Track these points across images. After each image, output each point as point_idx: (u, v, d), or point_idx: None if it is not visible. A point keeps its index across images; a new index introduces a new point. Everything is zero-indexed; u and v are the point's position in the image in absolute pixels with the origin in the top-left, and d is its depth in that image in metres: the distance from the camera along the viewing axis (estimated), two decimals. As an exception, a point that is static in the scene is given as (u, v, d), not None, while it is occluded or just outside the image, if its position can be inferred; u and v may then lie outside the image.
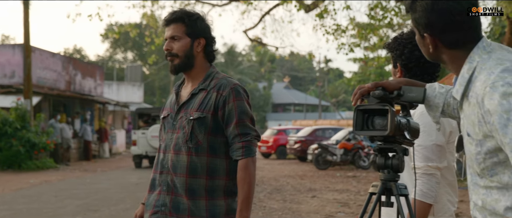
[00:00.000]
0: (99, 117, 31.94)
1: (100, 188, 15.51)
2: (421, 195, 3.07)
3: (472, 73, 2.16)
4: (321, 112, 65.70)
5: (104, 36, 62.76)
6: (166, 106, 3.49)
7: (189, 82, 3.41)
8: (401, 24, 23.10)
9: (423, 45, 2.31)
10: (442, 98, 2.56)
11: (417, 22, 2.28)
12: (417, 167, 3.10)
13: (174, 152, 3.30)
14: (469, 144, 2.18)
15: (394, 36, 3.41)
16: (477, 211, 2.26)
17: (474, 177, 2.24)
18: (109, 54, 68.71)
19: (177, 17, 3.33)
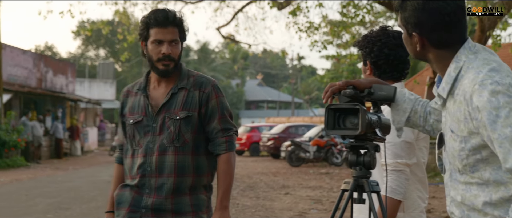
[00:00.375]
0: (70, 114, 31.68)
1: (71, 186, 15.40)
2: (390, 192, 3.09)
3: (459, 72, 2.24)
4: (294, 109, 65.86)
5: (76, 33, 62.35)
6: (133, 110, 3.34)
7: (161, 82, 3.34)
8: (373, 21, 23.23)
9: (410, 43, 2.36)
10: (411, 104, 2.61)
11: (406, 20, 2.33)
12: (387, 163, 3.12)
13: (159, 153, 3.27)
14: (453, 140, 2.24)
15: (364, 34, 3.44)
16: (455, 207, 2.33)
17: (454, 173, 2.30)
18: (81, 51, 68.26)
19: (175, 21, 3.26)
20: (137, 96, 3.35)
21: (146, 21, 3.25)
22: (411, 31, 2.33)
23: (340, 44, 22.71)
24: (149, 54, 3.26)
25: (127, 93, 3.40)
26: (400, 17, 2.37)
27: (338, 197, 2.75)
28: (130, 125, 3.32)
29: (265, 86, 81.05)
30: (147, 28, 3.24)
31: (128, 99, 3.38)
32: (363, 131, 2.52)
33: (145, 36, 3.26)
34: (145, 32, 3.25)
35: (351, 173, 2.71)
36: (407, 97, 2.64)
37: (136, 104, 3.34)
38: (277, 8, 19.73)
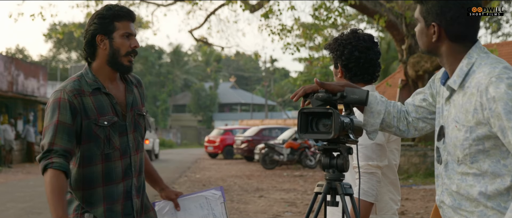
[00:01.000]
0: (42, 118, 31.39)
1: (43, 191, 15.11)
2: (362, 194, 3.11)
3: (471, 67, 2.37)
4: (268, 112, 65.91)
5: (47, 36, 61.72)
6: (102, 111, 3.08)
7: (114, 80, 3.19)
8: (345, 24, 23.37)
9: (426, 35, 2.46)
10: (384, 106, 2.70)
11: (428, 11, 2.44)
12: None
13: (136, 152, 3.22)
14: (457, 130, 2.36)
15: (335, 37, 3.46)
16: (447, 195, 2.45)
17: (452, 163, 2.42)
18: (52, 54, 67.66)
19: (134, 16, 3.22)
20: (95, 96, 3.09)
21: (113, 13, 3.10)
22: (430, 22, 2.43)
23: (312, 47, 22.80)
24: (115, 47, 3.09)
25: (79, 93, 3.05)
26: (419, 8, 2.49)
27: (311, 199, 2.76)
28: (104, 127, 3.07)
29: (238, 89, 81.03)
30: (112, 21, 3.09)
31: (85, 99, 3.05)
32: (336, 135, 2.54)
33: (109, 29, 3.09)
34: (109, 25, 3.09)
35: (324, 176, 2.73)
36: (379, 99, 2.71)
37: (103, 104, 3.09)
38: (249, 11, 19.78)
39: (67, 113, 2.99)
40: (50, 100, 3.07)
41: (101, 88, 3.11)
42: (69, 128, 2.99)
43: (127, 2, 22.06)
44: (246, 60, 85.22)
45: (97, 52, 3.13)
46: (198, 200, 3.46)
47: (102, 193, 3.10)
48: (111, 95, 3.12)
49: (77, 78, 3.12)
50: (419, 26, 2.50)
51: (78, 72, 3.20)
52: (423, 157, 17.60)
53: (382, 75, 36.32)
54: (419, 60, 17.82)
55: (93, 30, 3.10)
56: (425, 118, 2.68)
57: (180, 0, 22.77)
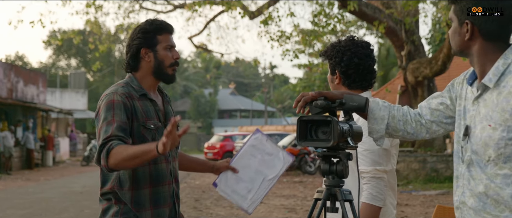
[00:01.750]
0: (42, 125, 31.39)
1: (43, 198, 15.25)
2: (371, 199, 3.12)
3: (507, 67, 2.38)
4: (267, 118, 65.90)
5: (46, 43, 61.76)
6: (148, 116, 3.23)
7: (154, 90, 3.39)
8: (344, 30, 23.38)
9: (459, 34, 2.47)
10: (387, 111, 2.70)
11: (461, 9, 2.44)
12: (366, 171, 3.17)
13: (175, 159, 3.40)
14: (491, 129, 2.35)
15: (331, 43, 3.47)
16: (470, 197, 2.42)
17: (479, 163, 2.40)
18: (52, 61, 67.68)
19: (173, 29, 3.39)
20: (142, 101, 3.26)
21: (155, 28, 3.29)
22: (463, 20, 2.44)
23: (312, 53, 22.81)
24: (160, 59, 3.28)
25: (130, 96, 3.21)
26: (453, 8, 2.49)
27: (311, 206, 2.77)
28: (151, 129, 3.23)
29: (238, 95, 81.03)
30: (155, 35, 3.28)
31: (135, 103, 3.21)
32: (335, 143, 2.55)
33: (152, 43, 3.27)
34: (153, 39, 3.27)
35: (324, 182, 2.74)
36: (382, 104, 2.71)
37: (149, 109, 3.27)
38: (249, 18, 19.80)
39: (122, 114, 3.13)
40: (102, 102, 3.19)
41: (147, 94, 3.29)
42: (125, 126, 3.11)
43: (127, 10, 22.07)
44: (245, 67, 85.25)
45: (140, 64, 3.31)
46: (248, 152, 3.55)
47: (149, 194, 3.22)
48: (155, 102, 3.32)
49: (124, 84, 3.28)
50: (453, 26, 2.50)
51: (123, 80, 3.34)
52: (423, 163, 17.60)
53: (381, 81, 36.35)
54: (418, 66, 17.84)
55: (138, 44, 3.28)
56: (440, 122, 2.69)
57: (180, 7, 22.81)
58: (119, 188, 3.19)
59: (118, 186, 3.19)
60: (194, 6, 19.47)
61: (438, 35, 18.97)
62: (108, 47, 22.18)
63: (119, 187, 3.19)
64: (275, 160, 3.51)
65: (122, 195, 3.18)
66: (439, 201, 13.34)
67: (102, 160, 3.02)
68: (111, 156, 2.98)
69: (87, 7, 20.60)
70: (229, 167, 3.56)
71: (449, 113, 2.66)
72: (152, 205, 3.22)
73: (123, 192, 3.18)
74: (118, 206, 3.19)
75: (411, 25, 17.63)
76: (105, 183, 3.24)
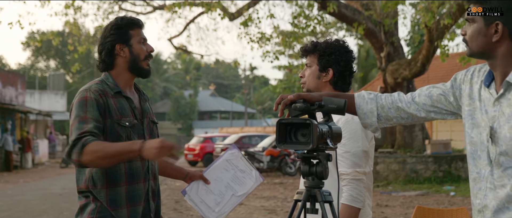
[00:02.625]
0: (20, 126, 31.14)
1: (22, 200, 15.14)
2: (351, 200, 3.14)
3: None
4: (247, 120, 65.90)
5: (25, 44, 61.32)
6: (123, 113, 3.22)
7: (130, 87, 3.38)
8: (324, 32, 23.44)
9: (484, 35, 2.42)
10: (374, 103, 2.70)
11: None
12: (346, 173, 3.18)
13: None
14: None
15: (325, 40, 3.47)
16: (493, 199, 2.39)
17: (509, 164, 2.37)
18: (31, 62, 67.16)
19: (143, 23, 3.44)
20: (117, 98, 3.24)
21: (125, 23, 3.31)
22: (493, 20, 2.39)
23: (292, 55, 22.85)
24: (135, 53, 3.30)
25: (104, 94, 3.19)
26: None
27: (291, 207, 2.78)
28: (126, 127, 3.21)
29: (218, 97, 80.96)
30: (127, 30, 3.30)
31: (109, 100, 3.19)
32: (314, 145, 2.56)
33: (126, 38, 3.29)
34: (125, 34, 3.29)
35: (304, 183, 2.75)
36: (368, 97, 2.72)
37: (124, 107, 3.25)
38: (228, 19, 19.80)
39: (94, 111, 3.12)
40: (75, 99, 3.19)
41: (122, 92, 3.28)
42: (98, 124, 3.10)
43: (106, 11, 21.98)
44: (225, 68, 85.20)
45: (116, 61, 3.31)
46: (221, 166, 3.58)
47: (125, 192, 3.20)
48: (130, 99, 3.31)
49: (99, 82, 3.28)
50: (476, 26, 2.44)
51: (98, 78, 3.34)
52: (403, 164, 17.68)
53: (361, 82, 36.51)
54: (397, 68, 17.94)
55: (112, 40, 3.29)
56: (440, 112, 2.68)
57: (159, 8, 22.76)
58: (93, 187, 3.17)
59: (92, 185, 3.17)
60: (174, 8, 19.43)
61: (417, 36, 19.11)
62: (87, 49, 22.08)
63: (93, 186, 3.17)
64: (247, 178, 3.57)
65: (97, 193, 3.16)
66: (418, 202, 13.41)
67: (74, 155, 2.97)
68: (85, 152, 2.95)
69: (66, 8, 20.48)
70: (202, 177, 3.57)
71: (450, 108, 2.64)
72: (128, 203, 3.20)
73: (97, 190, 3.16)
74: (95, 204, 3.17)
75: (390, 26, 17.72)
76: (79, 180, 3.23)
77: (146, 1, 23.19)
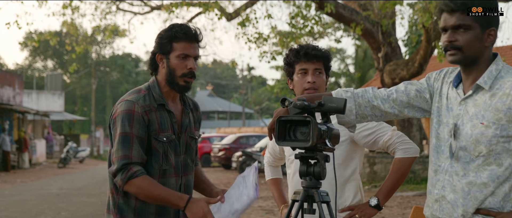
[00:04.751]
0: (18, 126, 31.11)
1: (19, 200, 15.12)
2: (411, 152, 3.47)
3: (498, 73, 2.58)
4: (245, 120, 65.88)
5: (23, 44, 61.24)
6: (163, 128, 3.17)
7: (174, 99, 3.30)
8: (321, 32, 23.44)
9: (480, 40, 2.58)
10: (352, 102, 2.80)
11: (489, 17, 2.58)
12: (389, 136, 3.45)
13: (185, 174, 3.30)
14: (485, 127, 2.52)
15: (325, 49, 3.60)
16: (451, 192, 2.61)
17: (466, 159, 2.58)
18: (28, 62, 67.07)
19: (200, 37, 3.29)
20: (160, 111, 3.18)
21: (171, 34, 3.16)
22: (489, 26, 2.58)
23: (289, 55, 22.74)
24: (171, 67, 3.16)
25: (150, 109, 3.14)
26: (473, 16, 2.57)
27: (289, 207, 2.78)
28: (163, 142, 3.15)
29: (216, 97, 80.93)
30: (171, 41, 3.16)
31: (152, 115, 3.13)
32: (314, 143, 2.56)
33: (167, 50, 3.17)
34: (168, 46, 3.16)
35: (301, 183, 2.75)
36: (345, 96, 2.78)
37: (164, 121, 3.18)
38: (226, 19, 19.79)
39: (140, 128, 3.09)
40: (121, 108, 3.12)
41: (165, 105, 3.19)
42: (142, 142, 3.09)
43: (104, 11, 21.96)
44: (223, 68, 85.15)
45: (158, 69, 3.24)
46: (237, 183, 3.39)
47: (154, 208, 3.15)
48: (172, 113, 3.22)
49: (146, 92, 3.19)
50: (473, 33, 2.57)
51: (146, 84, 3.25)
52: (400, 164, 17.67)
53: (358, 82, 36.51)
54: (395, 68, 17.94)
55: (154, 49, 3.21)
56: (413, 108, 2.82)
57: (157, 8, 22.74)
58: (125, 196, 3.16)
59: (124, 194, 3.16)
60: (171, 8, 19.40)
61: (415, 37, 19.08)
62: (85, 49, 22.03)
63: (125, 195, 3.16)
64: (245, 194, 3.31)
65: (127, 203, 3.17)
66: (416, 202, 13.42)
67: (119, 180, 3.03)
68: (132, 184, 3.02)
69: (64, 8, 20.45)
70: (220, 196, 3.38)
71: (424, 105, 2.79)
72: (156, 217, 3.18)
73: (128, 200, 3.17)
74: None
75: (388, 27, 17.72)
76: (108, 204, 3.24)
77: (143, 1, 23.18)
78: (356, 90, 2.83)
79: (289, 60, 3.54)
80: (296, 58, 3.50)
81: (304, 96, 2.68)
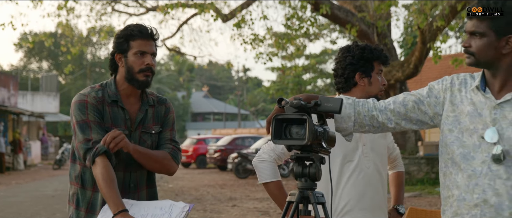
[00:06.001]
0: (13, 128, 31.04)
1: (14, 201, 15.09)
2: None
3: None
4: (241, 121, 65.88)
5: (17, 45, 61.18)
6: (116, 122, 3.28)
7: (131, 96, 3.36)
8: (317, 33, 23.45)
9: (495, 47, 2.58)
10: (352, 108, 2.76)
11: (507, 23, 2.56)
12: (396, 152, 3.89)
13: (138, 168, 3.33)
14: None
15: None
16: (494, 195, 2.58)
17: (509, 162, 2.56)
18: (23, 63, 67.00)
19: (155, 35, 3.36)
20: (113, 107, 3.30)
21: (127, 33, 3.28)
22: (505, 34, 2.56)
23: (285, 56, 22.87)
24: (129, 65, 3.27)
25: (102, 101, 3.28)
26: (487, 23, 2.58)
27: (284, 208, 2.77)
28: None
29: (211, 98, 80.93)
30: (127, 40, 3.27)
31: (104, 107, 3.28)
32: (309, 142, 2.55)
33: (124, 48, 3.28)
34: (125, 44, 3.27)
35: (296, 185, 2.74)
36: (346, 102, 2.75)
37: (117, 116, 3.30)
38: (221, 20, 19.80)
39: (95, 114, 3.22)
40: (74, 101, 3.28)
41: (119, 102, 3.30)
42: (100, 125, 3.22)
43: (99, 12, 21.94)
44: (219, 70, 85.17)
45: (118, 69, 3.35)
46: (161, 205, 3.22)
47: (101, 198, 3.23)
48: (125, 110, 3.32)
49: (100, 87, 3.34)
50: (486, 40, 2.58)
51: (104, 81, 3.38)
52: (397, 165, 17.69)
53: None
54: (390, 70, 17.97)
55: (113, 49, 3.34)
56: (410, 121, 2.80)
57: (152, 9, 22.73)
58: (82, 186, 3.31)
59: (82, 184, 3.31)
60: (167, 9, 19.40)
61: (410, 38, 19.13)
62: (80, 50, 22.01)
63: (82, 185, 3.31)
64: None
65: (83, 193, 3.31)
66: (411, 203, 13.43)
67: (87, 162, 3.15)
68: (96, 164, 3.12)
69: (59, 9, 20.43)
70: None
71: (421, 117, 2.77)
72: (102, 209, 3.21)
73: (85, 191, 3.31)
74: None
75: (383, 28, 17.74)
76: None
77: (139, 3, 23.17)
78: (357, 99, 2.81)
79: (369, 56, 3.50)
80: (379, 57, 3.52)
81: (300, 96, 2.67)
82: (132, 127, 3.32)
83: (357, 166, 3.38)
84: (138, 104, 3.38)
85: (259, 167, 3.49)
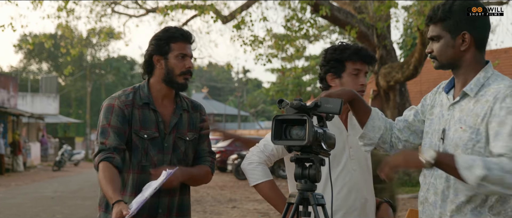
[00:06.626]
0: (12, 129, 31.03)
1: (13, 203, 15.08)
2: None
3: (486, 80, 2.62)
4: (241, 122, 65.87)
5: (17, 46, 61.18)
6: (145, 125, 3.28)
7: (165, 99, 3.37)
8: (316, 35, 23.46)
9: (452, 46, 2.64)
10: (384, 122, 2.87)
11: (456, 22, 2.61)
12: None
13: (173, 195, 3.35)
14: (462, 132, 2.57)
15: None
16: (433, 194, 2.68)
17: None
18: (23, 65, 67.03)
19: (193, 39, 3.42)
20: (144, 109, 3.31)
21: (168, 35, 3.31)
22: (460, 31, 2.60)
23: (284, 57, 22.86)
24: (170, 67, 3.29)
25: (131, 104, 3.30)
26: (441, 25, 2.64)
27: (284, 210, 2.77)
28: (144, 139, 3.27)
29: (211, 99, 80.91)
30: (168, 42, 3.29)
31: (133, 111, 3.29)
32: (309, 142, 2.55)
33: (165, 50, 3.29)
34: (165, 46, 3.29)
35: (296, 186, 2.74)
36: (380, 115, 2.87)
37: (147, 119, 3.30)
38: (221, 22, 19.79)
39: (119, 119, 3.24)
40: (104, 104, 3.34)
41: (150, 104, 3.32)
42: (119, 132, 3.22)
43: (99, 14, 21.93)
44: (218, 71, 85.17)
45: (154, 70, 3.35)
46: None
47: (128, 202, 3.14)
48: (158, 112, 3.33)
49: (132, 90, 3.37)
50: (443, 41, 2.65)
51: (136, 84, 3.41)
52: (395, 167, 17.68)
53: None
54: (390, 71, 17.96)
55: (151, 51, 3.33)
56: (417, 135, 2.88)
57: (152, 11, 22.71)
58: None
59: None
60: (167, 10, 19.39)
61: (410, 39, 19.16)
62: (80, 51, 21.99)
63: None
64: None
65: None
66: (411, 204, 13.43)
67: (95, 164, 3.19)
68: (99, 168, 3.14)
69: (59, 11, 20.41)
70: None
71: (423, 127, 2.85)
72: None
73: None
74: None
75: (383, 29, 17.74)
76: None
77: (138, 4, 23.16)
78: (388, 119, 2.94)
79: (339, 57, 3.37)
80: (351, 57, 3.36)
81: (300, 97, 2.68)
82: (166, 130, 3.32)
83: (344, 168, 3.34)
84: (172, 107, 3.38)
85: (248, 170, 3.38)
